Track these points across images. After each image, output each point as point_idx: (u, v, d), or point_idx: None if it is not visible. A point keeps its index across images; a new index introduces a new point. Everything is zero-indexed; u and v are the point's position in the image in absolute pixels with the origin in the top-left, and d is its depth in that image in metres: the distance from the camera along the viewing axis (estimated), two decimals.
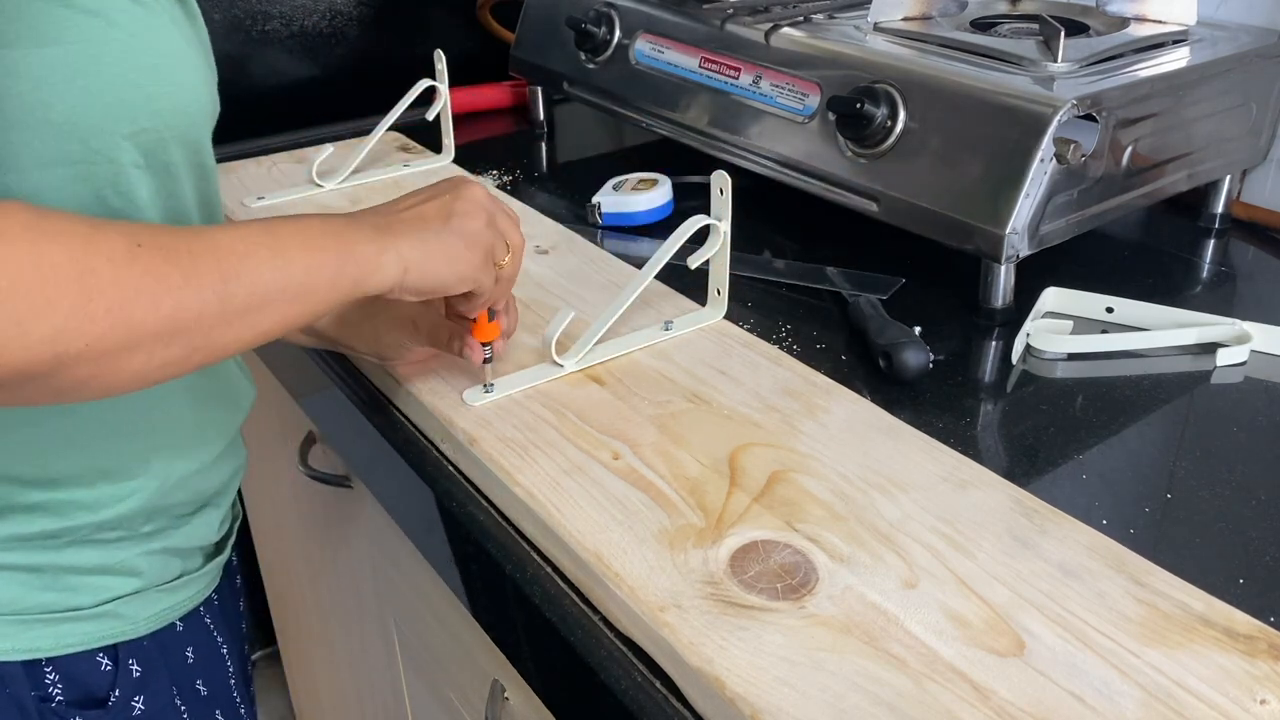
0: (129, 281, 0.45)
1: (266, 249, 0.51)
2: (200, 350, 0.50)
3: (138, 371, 0.47)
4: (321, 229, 0.55)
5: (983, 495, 0.62)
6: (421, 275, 0.59)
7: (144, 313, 0.46)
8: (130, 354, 0.46)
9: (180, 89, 0.57)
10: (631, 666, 0.55)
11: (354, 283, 0.56)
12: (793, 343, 0.82)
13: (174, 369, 0.49)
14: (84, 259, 0.44)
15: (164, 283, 0.47)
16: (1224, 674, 0.49)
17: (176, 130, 0.57)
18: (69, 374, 0.45)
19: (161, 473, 0.63)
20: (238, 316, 0.50)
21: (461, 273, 0.61)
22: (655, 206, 1.02)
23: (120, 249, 0.45)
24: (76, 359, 0.44)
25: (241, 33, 1.35)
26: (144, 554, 0.64)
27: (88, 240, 0.45)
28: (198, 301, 0.48)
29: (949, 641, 0.51)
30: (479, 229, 0.62)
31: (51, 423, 0.59)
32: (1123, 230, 1.01)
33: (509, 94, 1.39)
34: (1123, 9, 1.00)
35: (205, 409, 0.66)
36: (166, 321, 0.47)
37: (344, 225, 0.57)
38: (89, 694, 0.62)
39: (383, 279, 0.57)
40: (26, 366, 0.43)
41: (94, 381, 0.46)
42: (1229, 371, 0.78)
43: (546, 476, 0.64)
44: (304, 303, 0.53)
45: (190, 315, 0.48)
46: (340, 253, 0.55)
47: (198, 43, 0.61)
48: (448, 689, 0.91)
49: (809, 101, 0.95)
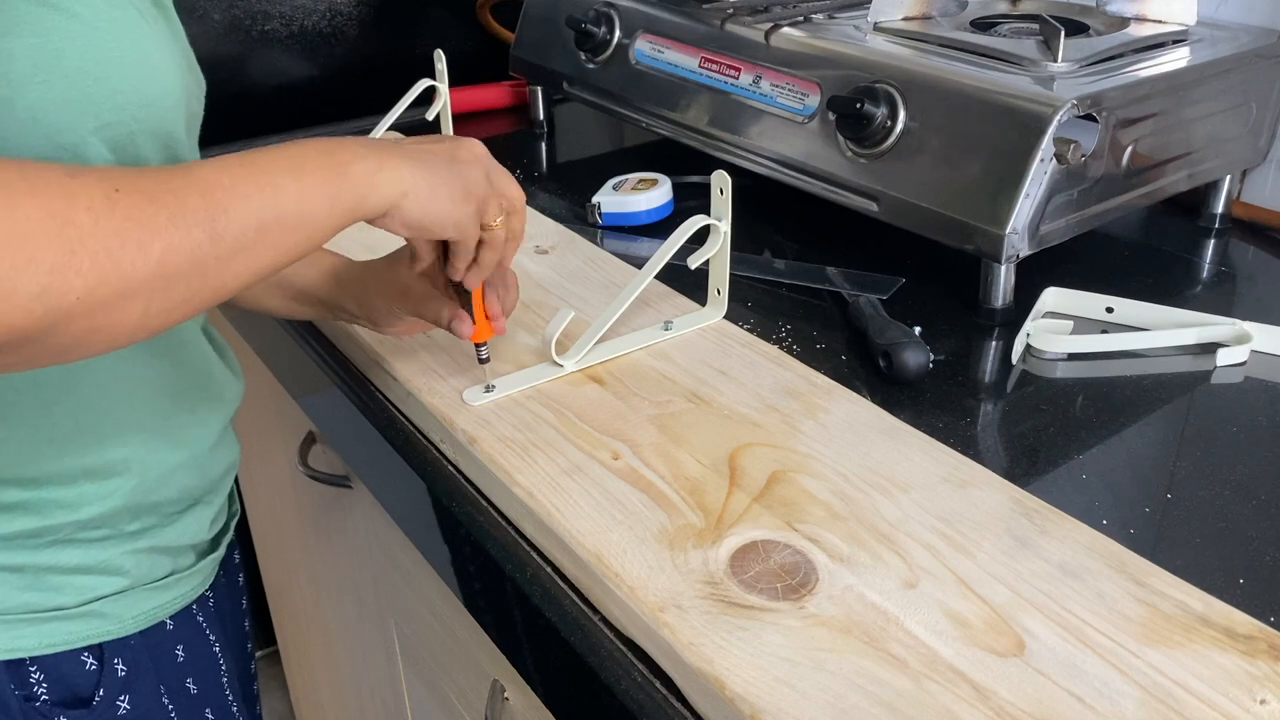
0: (111, 228, 0.44)
1: (253, 179, 0.49)
2: (200, 293, 0.48)
3: (138, 321, 0.46)
4: (312, 149, 0.53)
5: (983, 495, 0.62)
6: (419, 204, 0.57)
7: (133, 259, 0.44)
8: (127, 303, 0.45)
9: (147, 81, 0.56)
10: (631, 666, 0.55)
11: (352, 205, 0.54)
12: (793, 343, 0.82)
13: (177, 314, 0.48)
14: (62, 211, 0.43)
15: (149, 226, 0.45)
16: (1224, 674, 0.49)
17: (145, 123, 0.56)
18: (66, 331, 0.44)
19: (141, 470, 0.63)
20: (233, 253, 0.48)
21: (454, 215, 0.59)
22: (655, 206, 1.02)
23: (98, 197, 0.44)
24: (70, 314, 0.43)
25: (241, 33, 1.35)
26: (129, 553, 0.64)
27: (64, 191, 0.43)
28: (188, 241, 0.46)
29: (949, 641, 0.51)
30: (479, 178, 0.61)
31: (30, 421, 0.58)
32: (1123, 230, 1.01)
33: (509, 94, 1.39)
34: (1123, 9, 1.00)
35: (186, 403, 0.66)
36: (158, 266, 0.45)
37: (335, 145, 0.54)
38: (74, 693, 0.62)
39: (381, 198, 0.55)
40: (21, 326, 0.42)
41: (95, 336, 0.45)
42: (1229, 371, 0.78)
43: (546, 476, 0.64)
44: (302, 230, 0.52)
45: (182, 257, 0.46)
46: (334, 174, 0.53)
47: (170, 35, 0.60)
48: (447, 689, 0.91)
49: (809, 101, 0.95)
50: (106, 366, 0.60)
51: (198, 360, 0.67)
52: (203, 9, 1.31)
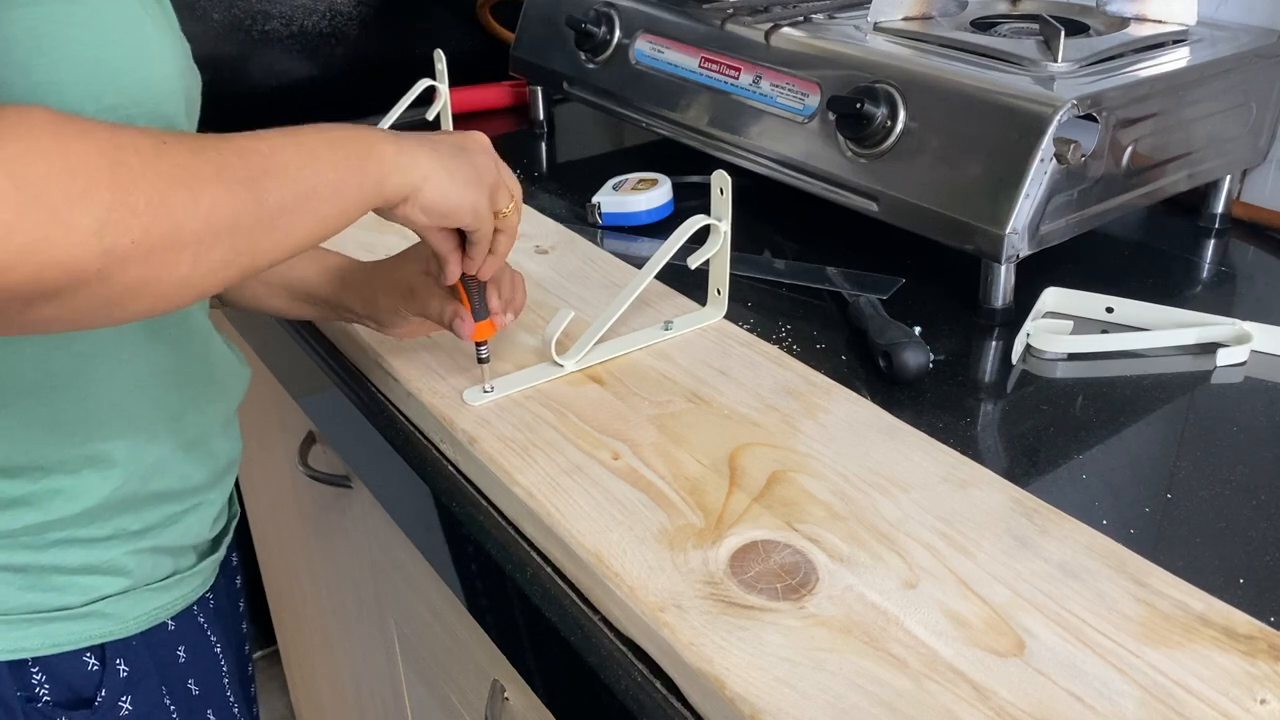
0: (161, 173, 0.44)
1: (292, 147, 0.51)
2: (243, 255, 0.49)
3: (185, 276, 0.46)
4: (339, 130, 0.55)
5: (983, 495, 0.62)
6: (437, 190, 0.58)
7: (184, 205, 0.45)
8: (178, 253, 0.45)
9: (147, 64, 0.57)
10: (631, 666, 0.55)
11: (377, 181, 0.55)
12: (793, 343, 0.82)
13: (220, 275, 0.48)
14: (113, 152, 0.43)
15: (197, 176, 0.46)
16: (1224, 674, 0.49)
17: (145, 106, 0.57)
18: (120, 276, 0.44)
19: (142, 457, 0.63)
20: (275, 216, 0.49)
21: (472, 200, 0.60)
22: (655, 206, 1.02)
23: (146, 145, 0.45)
24: (126, 257, 0.43)
25: (241, 33, 1.35)
26: (131, 553, 0.64)
27: (114, 134, 0.44)
28: (234, 198, 0.47)
29: (949, 641, 0.51)
30: (488, 164, 0.62)
31: (34, 409, 0.58)
32: (1123, 230, 1.01)
33: (509, 94, 1.39)
34: (1123, 9, 1.00)
35: (189, 390, 0.66)
36: (207, 218, 0.46)
37: (360, 129, 0.56)
38: (76, 694, 0.62)
39: (402, 182, 0.56)
40: (76, 265, 0.42)
41: (146, 289, 0.45)
42: (1229, 371, 0.78)
43: (546, 476, 0.64)
44: (336, 202, 0.53)
45: (229, 212, 0.47)
46: (363, 150, 0.54)
47: (165, 21, 0.61)
48: (447, 689, 0.91)
49: (809, 101, 0.95)
50: (111, 352, 0.60)
51: (202, 347, 0.67)
52: (203, 9, 1.31)
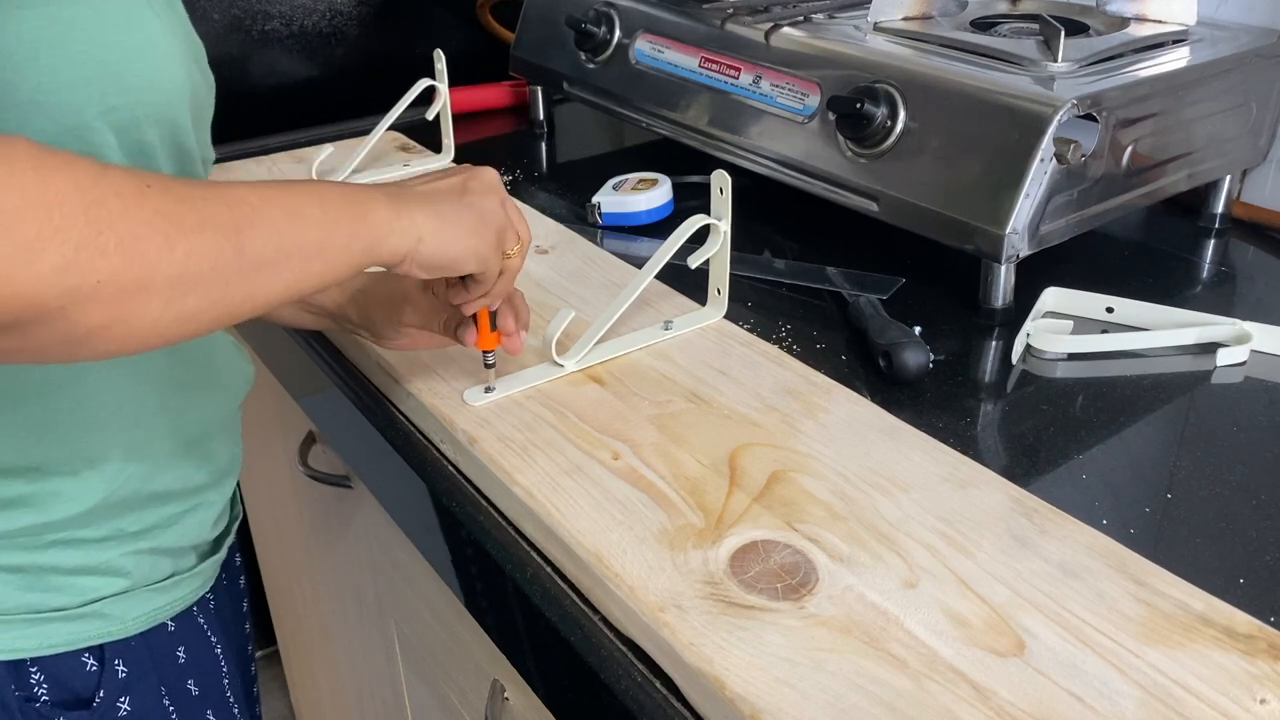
0: (139, 217, 0.44)
1: (281, 204, 0.50)
2: (218, 305, 0.48)
3: (155, 321, 0.46)
4: (335, 190, 0.54)
5: (983, 495, 0.62)
6: (434, 247, 0.57)
7: (158, 251, 0.44)
8: (147, 298, 0.44)
9: (151, 66, 0.56)
10: (631, 666, 0.55)
11: (368, 247, 0.54)
12: (793, 343, 0.82)
13: (192, 324, 0.48)
14: (92, 190, 0.42)
15: (177, 224, 0.45)
16: (1224, 674, 0.49)
17: (150, 108, 0.56)
18: (83, 315, 0.43)
19: (142, 456, 0.63)
20: (255, 269, 0.49)
21: (475, 249, 0.60)
22: (655, 206, 1.02)
23: (130, 187, 0.44)
24: (90, 297, 0.43)
25: (241, 33, 1.35)
26: (131, 554, 0.64)
27: (96, 175, 0.43)
28: (213, 247, 0.46)
29: (949, 641, 0.51)
30: (494, 207, 0.61)
31: (33, 410, 0.58)
32: (1123, 230, 1.01)
33: (509, 94, 1.39)
34: (1123, 9, 1.00)
35: (190, 389, 0.66)
36: (181, 264, 0.45)
37: (356, 190, 0.55)
38: (74, 694, 0.62)
39: (396, 245, 0.56)
40: (37, 299, 0.41)
41: (109, 331, 0.44)
42: (1229, 371, 0.78)
43: (546, 476, 0.64)
44: (320, 261, 0.52)
45: (206, 261, 0.46)
46: (355, 214, 0.54)
47: (175, 21, 0.60)
48: (447, 689, 0.91)
49: (809, 101, 0.95)
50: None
51: (205, 345, 0.67)
52: (203, 9, 1.31)
